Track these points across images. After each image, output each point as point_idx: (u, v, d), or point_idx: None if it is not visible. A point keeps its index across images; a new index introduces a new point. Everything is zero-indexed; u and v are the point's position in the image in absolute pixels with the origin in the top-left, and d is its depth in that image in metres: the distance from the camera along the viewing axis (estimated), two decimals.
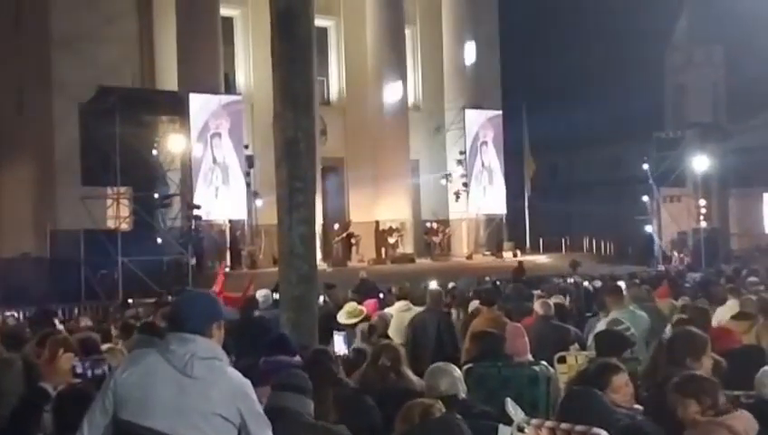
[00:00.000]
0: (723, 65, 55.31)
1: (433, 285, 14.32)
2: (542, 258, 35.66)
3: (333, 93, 36.92)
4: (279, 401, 4.10)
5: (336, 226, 32.98)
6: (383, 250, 33.56)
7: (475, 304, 11.74)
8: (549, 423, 5.11)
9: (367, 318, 10.51)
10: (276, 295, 10.66)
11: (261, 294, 11.87)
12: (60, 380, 4.90)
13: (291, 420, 4.12)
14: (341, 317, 10.76)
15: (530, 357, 7.58)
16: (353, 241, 33.07)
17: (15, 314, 12.84)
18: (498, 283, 19.72)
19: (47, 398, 4.81)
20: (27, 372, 5.63)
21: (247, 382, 3.93)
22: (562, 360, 8.26)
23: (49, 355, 5.28)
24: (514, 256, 35.53)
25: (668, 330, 7.99)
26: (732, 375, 6.23)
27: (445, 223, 36.17)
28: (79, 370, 5.40)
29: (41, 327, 9.37)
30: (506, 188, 37.27)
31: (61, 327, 10.89)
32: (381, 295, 15.06)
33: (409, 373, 6.49)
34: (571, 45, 40.48)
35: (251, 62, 33.84)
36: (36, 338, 7.44)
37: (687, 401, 4.78)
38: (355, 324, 9.99)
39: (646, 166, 37.46)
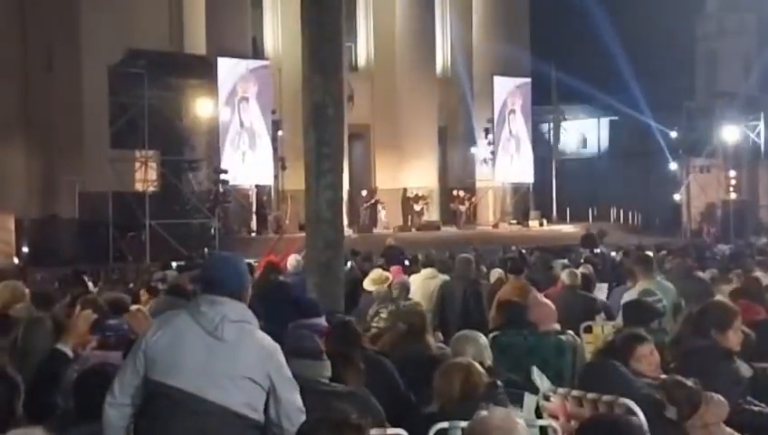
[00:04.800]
0: (755, 34, 54.44)
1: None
2: (568, 227, 35.52)
3: (361, 59, 36.76)
4: (293, 369, 4.09)
5: (364, 192, 33.01)
6: (409, 217, 33.57)
7: (497, 272, 11.71)
8: (575, 393, 5.12)
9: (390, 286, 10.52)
10: None
11: (291, 259, 11.87)
12: (78, 339, 4.89)
13: (307, 389, 4.14)
14: (367, 284, 10.79)
15: (556, 326, 7.56)
16: (379, 208, 33.11)
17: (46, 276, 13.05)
18: (524, 251, 19.63)
19: (65, 360, 4.80)
20: (56, 332, 5.67)
21: (277, 346, 3.95)
22: (589, 329, 8.24)
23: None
24: (540, 225, 35.44)
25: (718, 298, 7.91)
26: (759, 347, 6.20)
27: (471, 191, 36.08)
28: (98, 331, 5.38)
29: (71, 288, 9.47)
30: (533, 157, 37.08)
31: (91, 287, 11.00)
32: (407, 262, 15.03)
33: (430, 339, 6.49)
34: (602, 13, 40.03)
35: (279, 27, 33.74)
36: (68, 299, 7.51)
37: (670, 406, 4.80)
38: None
39: (674, 134, 37.05)
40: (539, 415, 5.11)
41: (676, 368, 5.58)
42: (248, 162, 29.41)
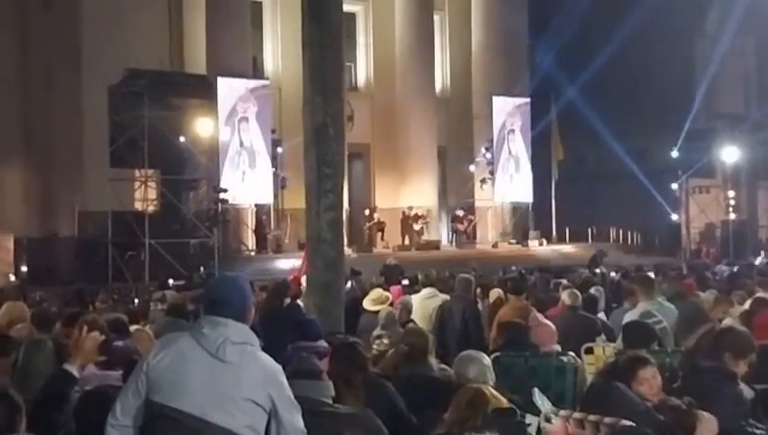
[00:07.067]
0: (754, 56, 54.59)
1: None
2: (567, 248, 35.48)
3: (361, 79, 36.87)
4: (296, 390, 4.07)
5: (368, 212, 33.06)
6: (408, 237, 33.54)
7: (496, 292, 11.69)
8: (577, 415, 5.10)
9: (391, 305, 10.50)
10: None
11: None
12: (85, 360, 4.87)
13: (311, 410, 4.12)
14: (367, 304, 10.77)
15: (557, 347, 7.54)
16: (377, 227, 33.12)
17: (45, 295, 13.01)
18: (523, 272, 19.62)
19: (72, 380, 4.79)
20: (58, 354, 5.65)
21: (279, 368, 3.94)
22: (590, 351, 8.21)
23: (77, 335, 5.26)
24: (540, 244, 35.38)
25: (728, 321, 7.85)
26: (760, 369, 6.18)
27: (471, 211, 36.07)
28: (105, 350, 5.38)
29: (70, 307, 9.45)
30: (533, 177, 37.10)
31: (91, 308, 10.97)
32: (406, 282, 15.01)
33: (432, 361, 6.47)
34: (601, 33, 40.17)
35: (279, 47, 33.86)
36: (64, 318, 7.48)
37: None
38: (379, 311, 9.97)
39: (675, 153, 37.13)
40: None
41: (680, 387, 5.57)
42: (248, 181, 29.42)
